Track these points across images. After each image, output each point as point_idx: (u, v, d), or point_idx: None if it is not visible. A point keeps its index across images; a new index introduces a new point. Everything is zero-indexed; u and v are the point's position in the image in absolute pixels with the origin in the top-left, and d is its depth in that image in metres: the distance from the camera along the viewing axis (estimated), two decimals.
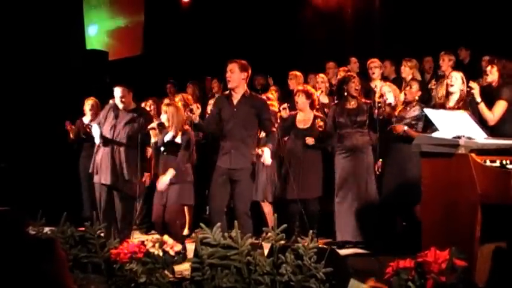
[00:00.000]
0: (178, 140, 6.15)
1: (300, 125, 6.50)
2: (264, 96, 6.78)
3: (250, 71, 5.50)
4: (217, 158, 5.53)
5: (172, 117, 6.16)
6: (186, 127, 6.20)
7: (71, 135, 7.90)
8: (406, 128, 5.91)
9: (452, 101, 5.57)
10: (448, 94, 5.62)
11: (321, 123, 6.27)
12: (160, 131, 6.30)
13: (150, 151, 6.63)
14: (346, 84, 6.30)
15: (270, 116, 5.63)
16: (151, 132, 6.23)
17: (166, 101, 6.99)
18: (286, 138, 6.57)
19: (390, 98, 6.19)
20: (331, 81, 7.81)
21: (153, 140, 6.29)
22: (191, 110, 5.74)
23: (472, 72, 6.49)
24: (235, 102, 5.47)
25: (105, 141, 6.01)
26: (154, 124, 6.20)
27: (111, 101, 6.42)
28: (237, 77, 5.40)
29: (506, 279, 3.96)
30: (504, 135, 4.83)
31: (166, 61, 10.69)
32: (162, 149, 6.21)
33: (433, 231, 3.99)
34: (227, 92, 5.64)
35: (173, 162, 6.11)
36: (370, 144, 6.26)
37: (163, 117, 6.22)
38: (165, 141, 6.19)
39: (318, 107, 6.77)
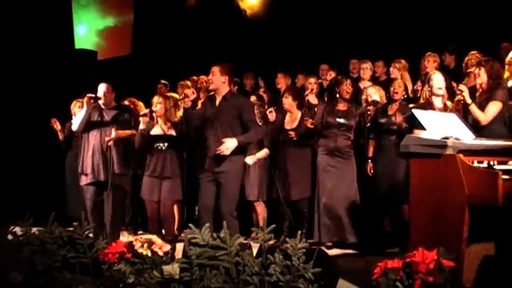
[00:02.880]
0: (170, 132, 6.17)
1: (288, 126, 6.54)
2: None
3: (231, 75, 5.61)
4: (204, 161, 5.62)
5: (166, 108, 6.18)
6: (176, 120, 6.22)
7: (60, 136, 7.86)
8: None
9: (439, 100, 5.63)
10: (433, 95, 5.65)
11: (311, 121, 6.30)
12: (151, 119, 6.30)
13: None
14: (338, 86, 6.37)
15: (252, 117, 5.68)
16: (141, 119, 6.21)
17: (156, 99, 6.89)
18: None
19: (376, 98, 6.34)
20: (323, 83, 7.85)
21: (141, 126, 6.24)
22: (185, 96, 5.72)
23: (458, 78, 6.54)
24: (217, 104, 5.58)
25: (89, 126, 6.00)
26: (146, 110, 6.20)
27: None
28: (216, 80, 5.53)
29: (493, 280, 3.98)
30: (492, 135, 4.86)
31: (156, 61, 10.65)
32: (159, 145, 6.23)
33: (421, 232, 4.01)
34: (212, 93, 5.74)
35: (166, 156, 6.13)
36: (352, 148, 6.32)
37: (158, 106, 6.23)
38: (153, 134, 6.20)
39: (305, 107, 6.81)
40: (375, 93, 6.50)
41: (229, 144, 5.34)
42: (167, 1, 11.00)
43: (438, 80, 5.63)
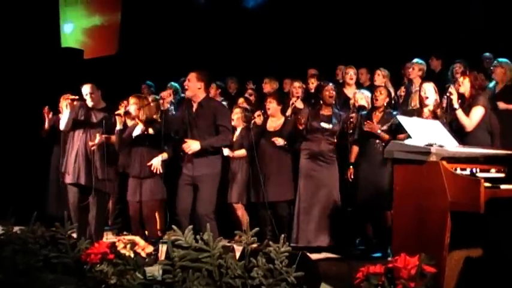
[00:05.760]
0: (149, 132, 6.14)
1: (271, 128, 6.58)
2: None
3: (207, 81, 5.66)
4: (182, 165, 5.66)
5: (140, 109, 6.13)
6: (155, 116, 6.20)
7: (46, 125, 7.66)
8: (379, 131, 6.02)
9: (427, 110, 5.68)
10: (423, 105, 5.72)
11: (302, 121, 6.34)
12: (126, 119, 6.24)
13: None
14: (321, 92, 6.45)
15: (225, 123, 5.64)
16: (116, 118, 6.15)
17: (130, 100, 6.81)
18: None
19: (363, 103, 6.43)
20: (310, 88, 7.86)
21: (118, 127, 6.19)
22: (161, 97, 5.76)
23: (444, 81, 6.59)
24: (193, 110, 5.63)
25: (76, 124, 5.97)
26: (120, 111, 6.14)
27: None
28: (192, 86, 5.57)
29: (474, 286, 4.02)
30: (475, 142, 4.92)
31: (143, 61, 10.62)
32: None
33: (404, 237, 4.03)
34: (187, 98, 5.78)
35: (146, 156, 6.09)
36: (335, 152, 6.36)
37: (131, 107, 6.19)
38: (134, 135, 6.16)
39: (290, 112, 6.84)
40: (361, 99, 6.55)
41: (192, 147, 5.44)
42: (155, 1, 10.99)
43: (426, 91, 5.68)
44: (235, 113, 6.96)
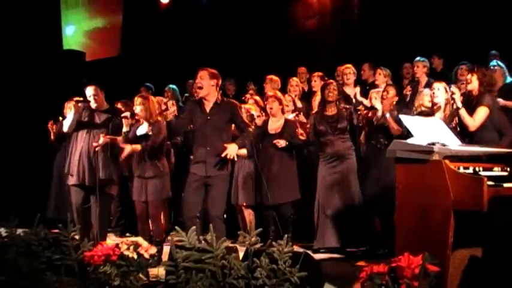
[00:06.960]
0: (151, 133, 6.15)
1: (272, 130, 6.51)
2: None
3: (220, 80, 5.60)
4: (191, 165, 5.59)
5: (146, 109, 6.15)
6: (159, 118, 6.20)
7: (52, 136, 7.80)
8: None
9: (439, 110, 5.67)
10: (434, 104, 5.71)
11: (301, 132, 6.30)
12: (132, 121, 6.25)
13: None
14: (324, 91, 6.40)
15: (243, 119, 5.78)
16: (123, 121, 6.15)
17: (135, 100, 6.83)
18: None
19: (377, 105, 6.34)
20: (303, 86, 7.87)
21: (124, 129, 6.20)
22: (166, 107, 5.74)
23: (445, 81, 6.57)
24: (208, 109, 5.54)
25: (79, 126, 5.98)
26: (127, 113, 6.15)
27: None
28: (206, 84, 5.48)
29: (477, 285, 4.01)
30: (483, 142, 4.89)
31: (144, 63, 10.63)
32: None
33: (407, 237, 4.02)
34: (197, 98, 5.70)
35: (148, 155, 6.10)
36: (353, 149, 6.33)
37: (137, 108, 6.20)
38: (139, 134, 6.17)
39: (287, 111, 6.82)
40: (376, 99, 6.46)
41: (234, 149, 5.38)
42: (156, 3, 11.00)
43: (436, 91, 5.67)
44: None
